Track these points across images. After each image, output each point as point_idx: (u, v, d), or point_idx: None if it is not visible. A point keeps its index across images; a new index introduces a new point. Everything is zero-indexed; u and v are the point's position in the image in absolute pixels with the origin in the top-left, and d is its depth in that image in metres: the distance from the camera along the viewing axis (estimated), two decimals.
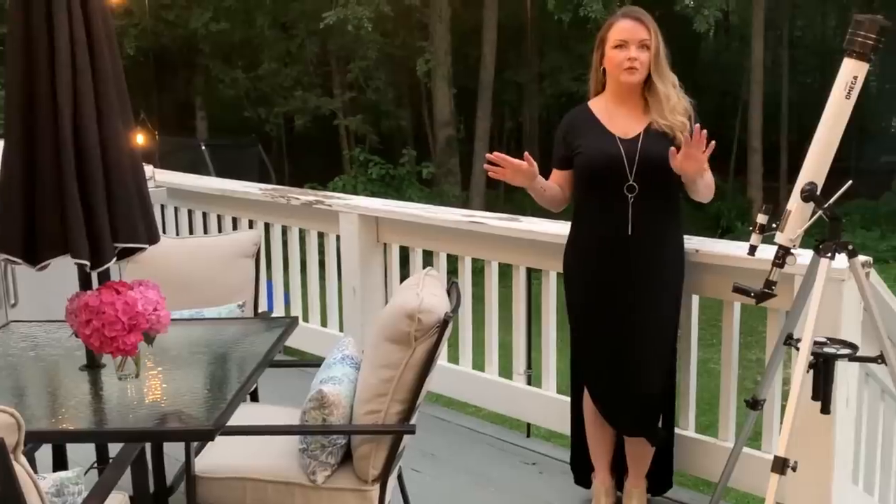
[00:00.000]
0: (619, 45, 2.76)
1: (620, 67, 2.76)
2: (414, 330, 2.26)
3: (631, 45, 2.75)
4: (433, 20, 16.73)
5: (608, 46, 2.79)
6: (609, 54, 2.79)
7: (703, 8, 14.71)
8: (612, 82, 2.84)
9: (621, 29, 2.78)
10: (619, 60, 2.76)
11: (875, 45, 2.28)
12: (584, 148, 2.83)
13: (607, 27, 2.83)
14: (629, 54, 2.74)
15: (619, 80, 2.80)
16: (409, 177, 16.29)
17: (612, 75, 2.82)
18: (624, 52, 2.75)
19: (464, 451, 3.73)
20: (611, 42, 2.78)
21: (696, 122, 2.72)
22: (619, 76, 2.78)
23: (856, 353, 2.46)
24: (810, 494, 2.67)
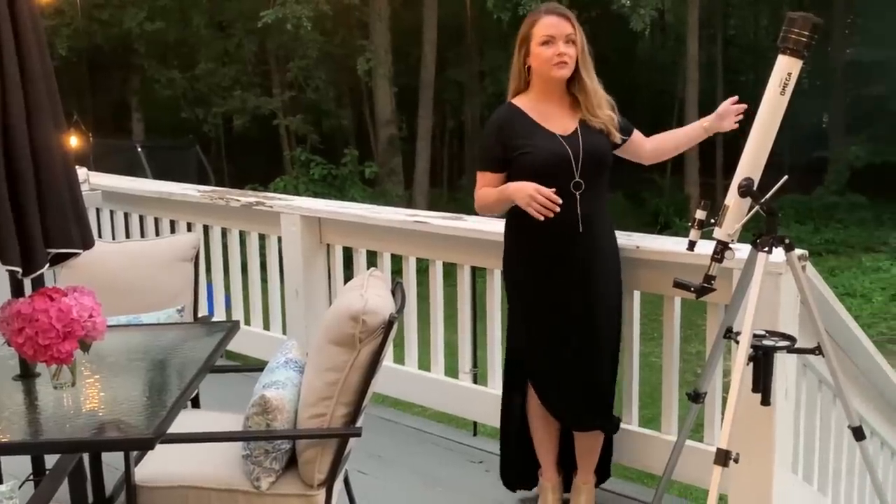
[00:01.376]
0: (547, 41, 2.74)
1: (550, 63, 2.74)
2: (358, 332, 2.24)
3: (558, 41, 2.74)
4: (373, 19, 16.68)
5: (534, 43, 2.76)
6: (536, 51, 2.76)
7: (639, 7, 14.92)
8: (541, 80, 2.81)
9: (547, 25, 2.75)
10: (548, 56, 2.74)
11: (808, 42, 2.32)
12: (531, 148, 2.77)
13: (530, 24, 2.79)
14: (558, 49, 2.73)
15: (549, 76, 2.77)
16: (351, 177, 16.20)
17: (541, 72, 2.79)
18: (552, 48, 2.74)
19: (410, 452, 3.72)
20: (537, 39, 2.75)
21: (617, 116, 2.85)
22: (550, 72, 2.76)
23: (794, 345, 2.50)
24: (752, 485, 2.72)
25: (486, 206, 2.89)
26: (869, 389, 3.49)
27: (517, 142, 2.79)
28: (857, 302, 12.58)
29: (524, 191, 2.68)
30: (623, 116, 2.90)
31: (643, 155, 2.99)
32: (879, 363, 3.37)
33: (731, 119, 2.81)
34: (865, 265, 14.60)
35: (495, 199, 2.83)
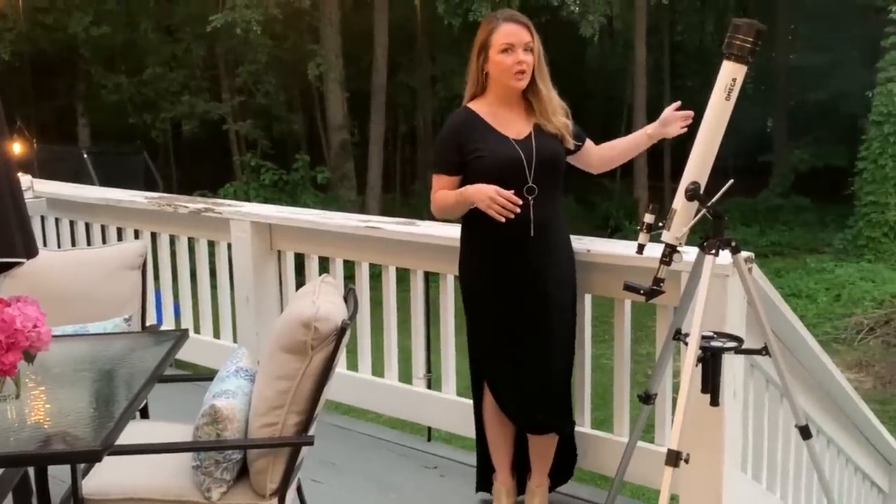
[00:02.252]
0: (506, 48, 2.75)
1: (510, 72, 2.76)
2: (310, 339, 2.22)
3: (517, 49, 2.75)
4: (323, 23, 16.62)
5: (494, 51, 2.77)
6: (496, 59, 2.77)
7: (587, 13, 15.09)
8: (499, 86, 2.82)
9: (507, 33, 2.76)
10: (508, 65, 2.75)
11: (752, 47, 2.36)
12: (485, 152, 2.78)
13: (488, 31, 2.79)
14: (517, 58, 2.75)
15: (508, 84, 2.79)
16: (303, 182, 16.11)
17: (500, 80, 2.80)
18: (512, 57, 2.75)
19: (364, 459, 3.70)
20: (496, 47, 2.76)
21: (571, 122, 2.88)
22: (509, 81, 2.78)
23: (741, 346, 2.54)
24: (702, 485, 2.76)
25: (443, 209, 2.88)
26: (815, 389, 3.56)
27: (472, 145, 2.80)
28: (802, 302, 12.85)
29: (484, 192, 2.69)
30: (575, 123, 2.93)
31: (592, 163, 3.03)
32: (824, 362, 3.45)
33: (675, 125, 2.84)
34: (810, 266, 14.91)
35: (454, 202, 2.82)
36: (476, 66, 2.83)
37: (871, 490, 4.63)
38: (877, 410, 6.49)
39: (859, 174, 16.00)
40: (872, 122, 15.61)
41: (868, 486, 4.57)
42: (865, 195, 15.76)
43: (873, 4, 16.62)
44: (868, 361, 10.68)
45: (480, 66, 2.82)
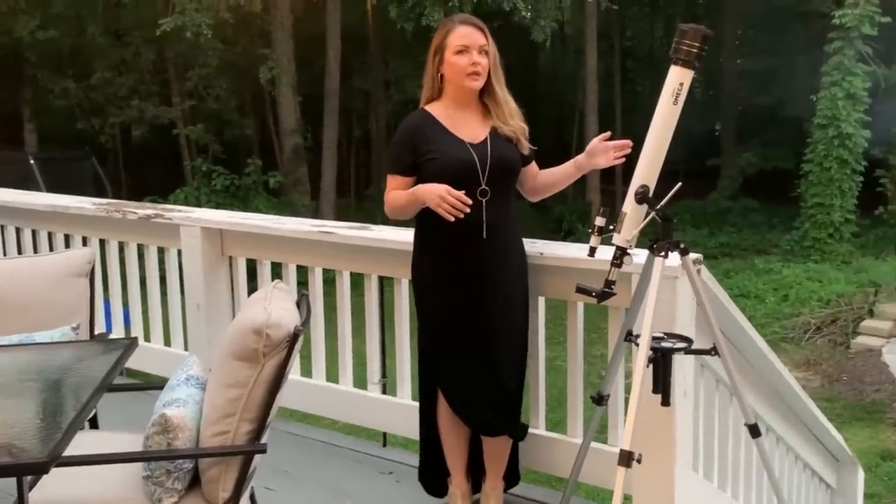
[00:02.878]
0: (461, 50, 2.78)
1: (464, 73, 2.78)
2: (262, 346, 2.20)
3: (472, 51, 2.78)
4: (275, 27, 16.50)
5: (449, 53, 2.80)
6: (451, 60, 2.80)
7: (539, 19, 15.19)
8: (454, 88, 2.85)
9: (462, 35, 2.79)
10: (462, 66, 2.78)
11: (699, 52, 2.40)
12: (438, 154, 2.80)
13: (444, 34, 2.82)
14: (472, 59, 2.77)
15: (462, 85, 2.81)
16: (255, 187, 15.98)
17: (455, 81, 2.82)
18: (466, 58, 2.78)
19: (319, 466, 3.67)
20: (451, 48, 2.79)
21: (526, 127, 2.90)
22: (464, 82, 2.80)
23: (691, 347, 2.58)
24: (655, 485, 2.79)
25: (395, 209, 2.89)
26: (764, 388, 3.63)
27: (426, 147, 2.82)
28: (750, 303, 13.08)
29: (435, 192, 2.70)
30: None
31: (528, 186, 3.01)
32: (773, 362, 3.51)
33: (605, 156, 2.77)
34: (758, 267, 15.18)
35: (405, 202, 2.83)
36: (432, 68, 2.86)
37: (819, 486, 4.72)
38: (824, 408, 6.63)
39: (805, 177, 16.33)
40: (817, 125, 15.95)
41: (817, 482, 4.66)
42: (811, 197, 16.09)
43: (818, 10, 17.01)
44: (815, 360, 10.90)
45: (436, 68, 2.85)
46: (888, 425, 8.60)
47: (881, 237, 16.73)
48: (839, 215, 15.76)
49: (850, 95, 15.46)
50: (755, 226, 19.13)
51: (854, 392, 9.67)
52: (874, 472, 7.34)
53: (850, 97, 15.47)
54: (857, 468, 5.04)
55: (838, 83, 15.53)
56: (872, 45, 15.53)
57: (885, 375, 9.97)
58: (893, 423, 8.61)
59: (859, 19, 15.16)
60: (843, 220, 15.84)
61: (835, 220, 15.76)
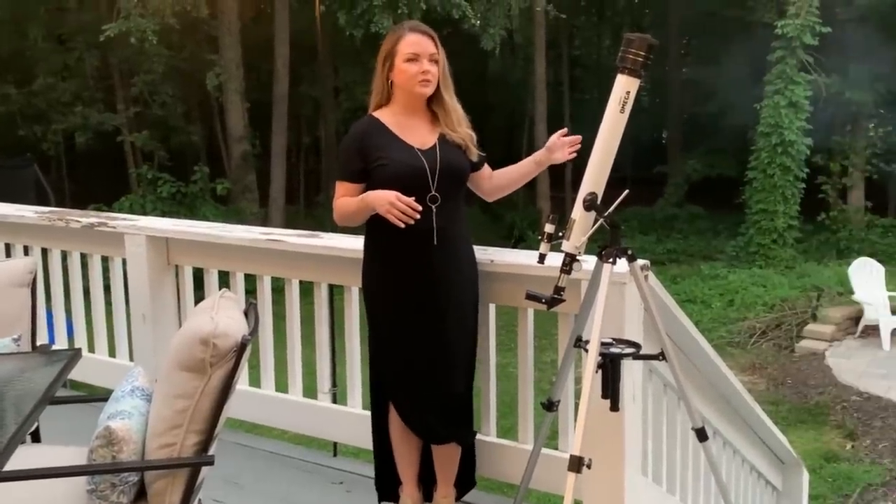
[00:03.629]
0: (411, 58, 2.78)
1: (415, 80, 2.79)
2: (209, 356, 2.17)
3: (423, 59, 2.79)
4: (222, 33, 16.34)
5: (399, 60, 2.80)
6: (402, 67, 2.80)
7: (488, 27, 15.28)
8: (403, 95, 2.85)
9: (412, 42, 2.80)
10: (413, 73, 2.79)
11: (645, 61, 2.43)
12: (387, 160, 2.79)
13: (395, 40, 2.83)
14: (422, 67, 2.78)
15: (413, 92, 2.82)
16: (202, 194, 15.78)
17: (405, 88, 2.83)
18: (417, 66, 2.78)
19: (269, 477, 3.63)
20: (402, 55, 2.79)
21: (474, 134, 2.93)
22: (414, 89, 2.80)
23: (639, 352, 2.61)
24: (605, 489, 2.81)
25: (345, 216, 2.87)
26: (710, 391, 3.68)
27: (375, 153, 2.81)
28: (697, 308, 13.28)
29: (384, 198, 2.69)
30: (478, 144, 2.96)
31: (485, 188, 3.04)
32: (719, 366, 3.56)
33: (563, 151, 2.87)
34: (704, 273, 15.43)
35: (355, 209, 2.81)
36: (382, 75, 2.86)
37: (765, 488, 4.81)
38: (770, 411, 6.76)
39: (749, 184, 16.66)
40: (761, 133, 16.28)
41: (763, 484, 4.75)
42: (755, 204, 16.41)
43: (761, 20, 17.38)
44: (761, 364, 11.10)
45: (386, 75, 2.85)
46: (831, 427, 8.80)
47: (823, 243, 17.14)
48: (782, 221, 16.10)
49: (792, 104, 15.82)
50: (701, 232, 19.46)
51: (798, 395, 9.87)
52: (818, 473, 7.49)
53: (792, 105, 15.83)
54: (802, 470, 5.14)
55: (781, 92, 15.88)
56: (813, 55, 15.93)
57: (829, 378, 10.19)
58: (837, 426, 8.80)
59: (801, 30, 15.54)
60: (787, 226, 16.18)
61: (778, 227, 16.09)
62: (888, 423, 8.63)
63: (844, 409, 9.20)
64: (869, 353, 10.96)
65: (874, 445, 8.22)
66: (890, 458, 7.76)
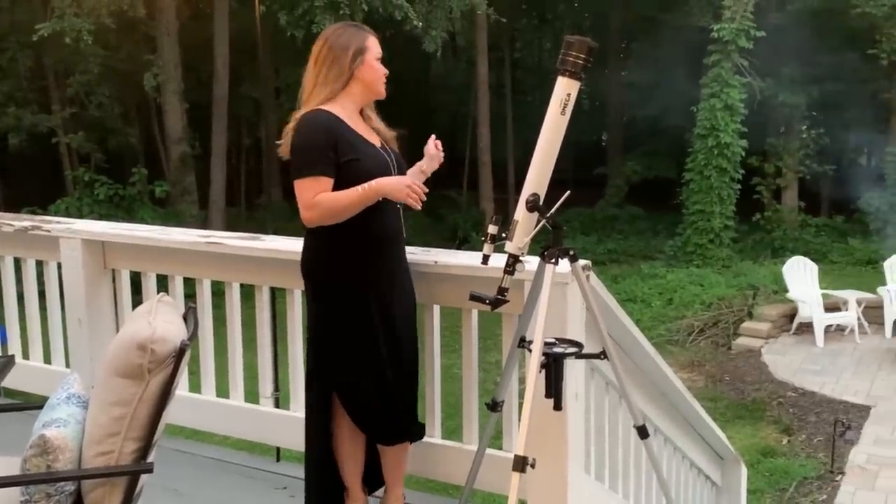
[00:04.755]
0: (380, 58, 2.85)
1: (382, 81, 2.85)
2: (147, 361, 2.13)
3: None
4: (160, 33, 16.07)
5: (370, 57, 2.82)
6: (374, 65, 2.83)
7: (430, 29, 15.30)
8: (362, 92, 2.84)
9: (377, 44, 2.86)
10: (383, 73, 2.85)
11: (585, 64, 2.45)
12: (359, 155, 2.75)
13: (363, 38, 2.83)
14: (385, 69, 2.86)
15: (375, 91, 2.86)
16: (140, 197, 15.49)
17: (371, 86, 2.85)
18: (382, 67, 2.86)
19: (210, 483, 3.57)
20: (373, 54, 2.83)
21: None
22: (381, 88, 2.86)
23: (581, 351, 2.63)
24: (548, 488, 2.83)
25: (335, 211, 2.70)
26: (651, 389, 3.73)
27: (345, 148, 2.75)
28: (637, 307, 13.47)
29: (401, 182, 2.73)
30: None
31: None
32: (659, 364, 3.62)
33: (437, 158, 2.98)
34: (644, 272, 15.67)
35: (356, 200, 2.68)
36: (346, 68, 2.78)
37: (705, 484, 4.89)
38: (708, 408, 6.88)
39: (686, 185, 16.98)
40: (697, 135, 16.61)
41: (703, 480, 4.83)
42: (692, 204, 16.74)
43: (697, 24, 17.73)
44: (699, 361, 11.32)
45: (351, 68, 2.79)
46: (768, 423, 9.00)
47: (758, 242, 17.55)
48: (719, 222, 16.45)
49: (727, 106, 16.17)
50: (640, 232, 19.77)
51: (736, 391, 10.08)
52: (756, 468, 7.66)
53: (727, 108, 16.19)
54: (741, 465, 5.25)
55: (717, 95, 16.22)
56: (748, 58, 16.30)
57: (765, 375, 10.43)
58: (773, 421, 9.01)
59: (736, 33, 15.89)
60: (723, 226, 16.53)
61: (715, 227, 16.43)
62: (822, 418, 8.87)
63: (780, 404, 9.42)
64: (803, 350, 11.25)
65: (809, 440, 8.43)
66: (824, 452, 7.97)
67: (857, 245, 16.52)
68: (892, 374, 10.14)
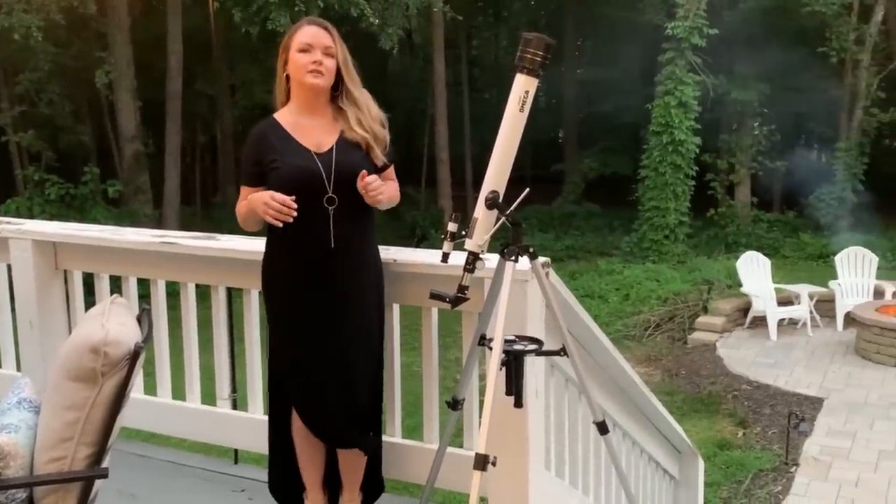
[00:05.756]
0: (304, 49, 2.76)
1: (305, 70, 2.75)
2: (100, 365, 2.08)
3: (316, 50, 2.76)
4: (112, 30, 15.81)
5: (292, 51, 2.77)
6: (294, 58, 2.77)
7: (387, 26, 15.25)
8: (299, 89, 2.81)
9: (305, 33, 2.78)
10: (303, 63, 2.75)
11: (543, 61, 2.45)
12: (279, 163, 2.75)
13: (291, 33, 2.82)
14: (314, 58, 2.75)
15: (303, 82, 2.77)
16: (93, 196, 15.21)
17: (297, 79, 2.79)
18: (308, 56, 2.75)
19: (167, 487, 3.52)
20: (295, 46, 2.77)
21: (388, 133, 2.88)
22: (304, 78, 2.76)
23: (541, 348, 2.63)
24: (509, 486, 2.83)
25: (242, 221, 2.87)
26: (610, 385, 3.76)
27: (270, 157, 2.77)
28: (595, 303, 13.58)
29: (260, 199, 2.69)
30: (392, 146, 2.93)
31: None
32: (617, 359, 3.64)
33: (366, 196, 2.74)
34: (601, 268, 15.80)
35: (245, 212, 2.83)
36: (280, 70, 2.82)
37: (664, 478, 4.94)
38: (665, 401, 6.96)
39: (642, 181, 17.16)
40: (652, 132, 16.80)
41: (661, 474, 4.88)
42: (648, 201, 16.92)
43: (651, 22, 17.92)
44: (656, 356, 11.44)
45: (283, 68, 2.81)
46: (724, 416, 9.12)
47: (713, 237, 17.80)
48: (674, 218, 16.65)
49: (681, 104, 16.37)
50: (597, 229, 19.94)
51: (692, 385, 10.20)
52: (712, 461, 7.76)
53: (681, 105, 16.38)
54: (698, 458, 5.31)
55: (671, 92, 16.41)
56: (701, 56, 16.52)
57: (720, 368, 10.57)
58: (729, 414, 9.13)
59: (689, 31, 16.09)
60: (678, 222, 16.74)
61: (670, 223, 16.63)
62: (777, 411, 9.02)
63: (735, 397, 9.56)
64: (757, 344, 11.43)
65: (764, 432, 8.56)
66: (779, 444, 8.10)
67: (809, 240, 16.82)
68: (843, 367, 10.34)
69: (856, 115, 17.36)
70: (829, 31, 16.96)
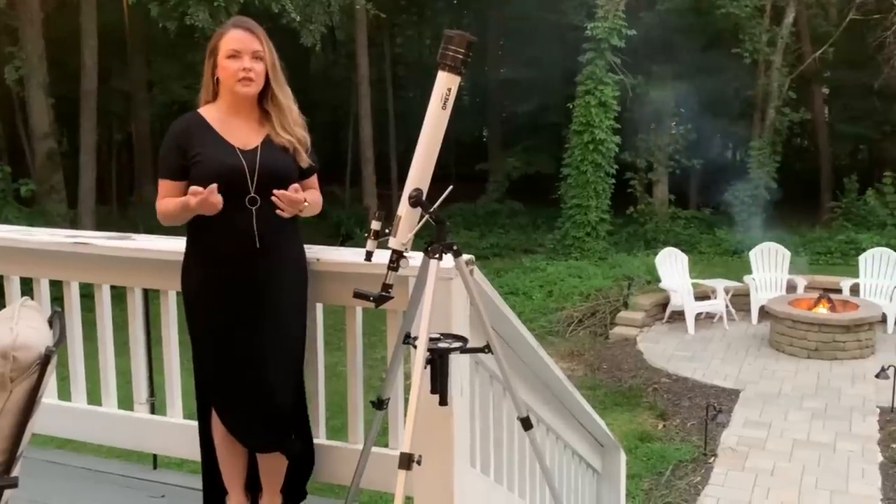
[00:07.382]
0: (233, 55, 2.72)
1: (235, 78, 2.72)
2: (9, 370, 2.00)
3: (244, 56, 2.73)
4: (23, 24, 15.25)
5: (221, 56, 2.73)
6: (223, 64, 2.73)
7: (308, 23, 15.09)
8: (227, 93, 2.78)
9: (234, 39, 2.73)
10: (233, 71, 2.72)
11: (465, 58, 2.45)
12: (202, 158, 2.71)
13: (218, 36, 2.77)
14: (243, 65, 2.72)
15: (234, 90, 2.75)
16: (4, 196, 14.67)
17: (227, 86, 2.76)
18: (238, 63, 2.72)
19: (83, 495, 3.41)
20: (223, 52, 2.73)
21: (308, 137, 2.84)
22: (234, 87, 2.74)
23: (466, 346, 2.64)
24: (435, 484, 2.82)
25: (167, 216, 2.77)
26: (534, 381, 3.79)
27: (193, 150, 2.73)
28: (519, 300, 13.70)
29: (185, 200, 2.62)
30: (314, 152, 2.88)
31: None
32: (541, 356, 3.68)
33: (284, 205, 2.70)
34: (526, 265, 15.95)
35: (174, 209, 2.71)
36: (208, 71, 2.79)
37: (587, 471, 5.02)
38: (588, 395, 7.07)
39: (564, 180, 17.40)
40: (574, 131, 17.03)
41: (584, 468, 4.95)
42: (570, 199, 17.16)
43: (572, 23, 18.16)
44: (578, 351, 11.60)
45: (211, 71, 2.78)
46: (644, 409, 9.31)
47: (632, 234, 18.17)
48: (595, 215, 16.92)
49: (601, 103, 16.64)
50: (521, 227, 20.14)
51: (613, 379, 10.38)
52: (634, 453, 7.91)
53: (601, 105, 16.66)
54: (620, 451, 5.40)
55: (591, 92, 16.67)
56: (621, 56, 16.82)
57: (640, 362, 10.79)
58: (649, 407, 9.32)
59: (609, 32, 16.36)
60: (599, 219, 17.02)
61: (591, 220, 16.90)
62: (695, 402, 9.25)
63: (655, 390, 9.77)
64: (676, 337, 11.71)
65: (683, 424, 8.77)
66: (698, 436, 8.31)
67: (724, 236, 17.29)
68: (758, 359, 10.67)
69: (768, 114, 17.93)
70: (742, 33, 17.46)
